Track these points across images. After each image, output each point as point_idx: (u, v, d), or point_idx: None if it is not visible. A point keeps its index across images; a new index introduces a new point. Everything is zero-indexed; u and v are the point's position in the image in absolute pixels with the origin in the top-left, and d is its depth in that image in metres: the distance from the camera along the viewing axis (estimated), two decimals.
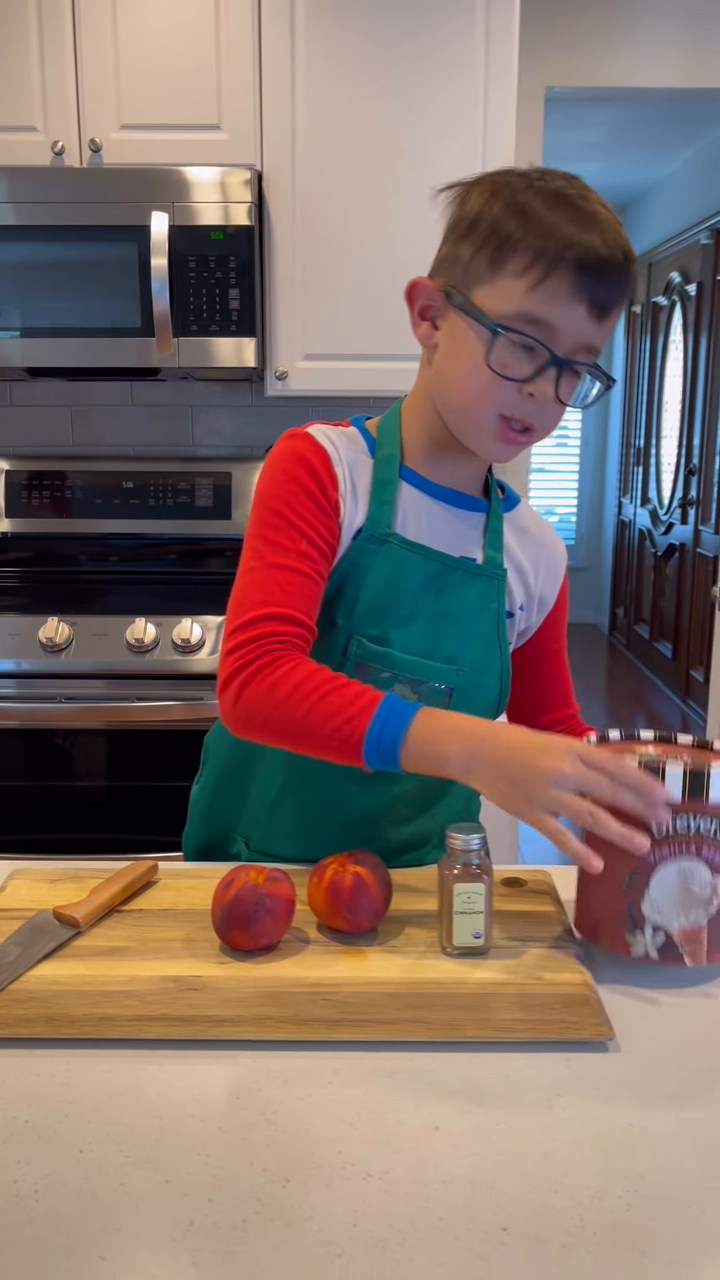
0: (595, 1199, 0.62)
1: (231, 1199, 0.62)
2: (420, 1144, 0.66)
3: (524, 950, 0.87)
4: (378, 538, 1.01)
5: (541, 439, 1.00)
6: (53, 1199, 0.62)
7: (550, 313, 0.91)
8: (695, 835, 0.84)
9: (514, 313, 0.91)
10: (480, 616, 1.05)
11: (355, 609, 1.02)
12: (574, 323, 0.91)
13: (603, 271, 0.90)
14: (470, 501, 1.06)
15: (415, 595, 1.03)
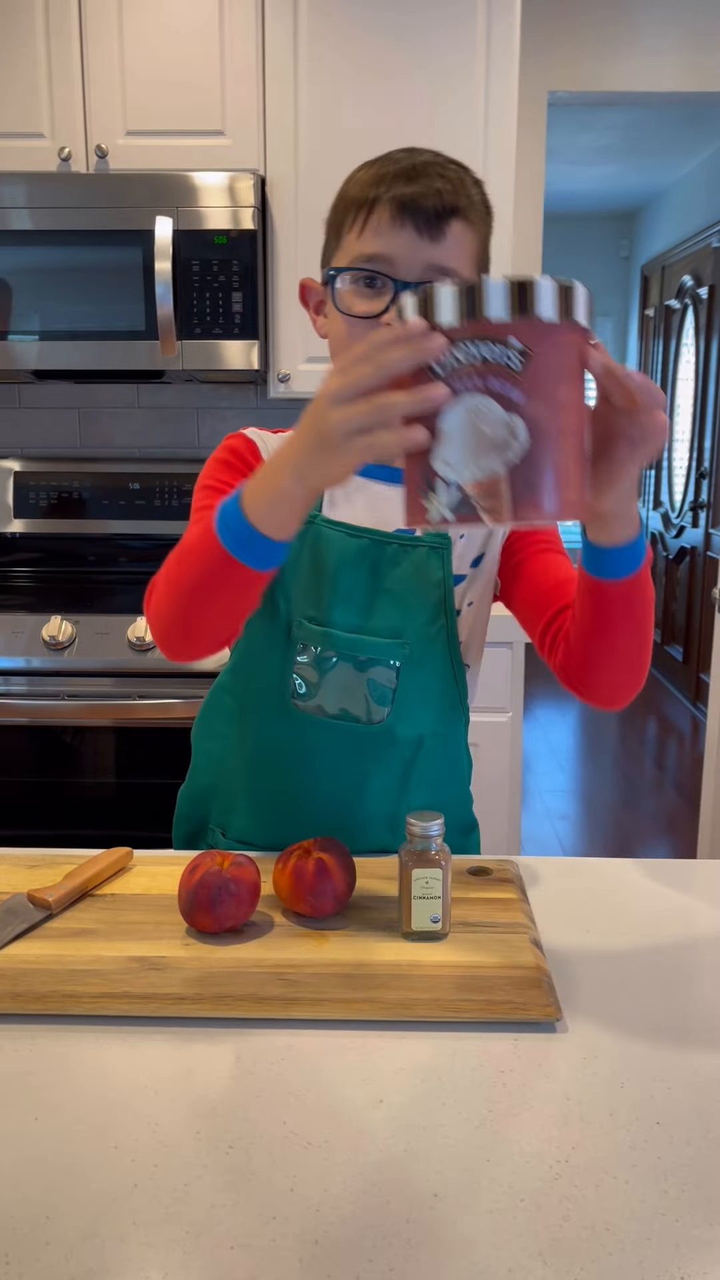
0: (525, 1168, 0.64)
1: (175, 1165, 0.64)
2: (363, 1116, 0.69)
3: (482, 935, 0.89)
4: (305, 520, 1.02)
5: None
6: (4, 1162, 0.64)
7: (378, 245, 0.96)
8: (481, 365, 0.69)
9: (352, 258, 0.98)
10: (422, 588, 1.06)
11: (291, 591, 1.06)
12: (405, 245, 0.95)
13: (419, 194, 0.95)
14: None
15: (348, 573, 1.05)
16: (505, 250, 2.33)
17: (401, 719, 1.08)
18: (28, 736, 2.22)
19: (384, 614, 1.06)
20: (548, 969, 0.85)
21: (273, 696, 1.09)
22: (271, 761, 1.11)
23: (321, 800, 1.11)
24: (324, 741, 1.09)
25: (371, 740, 1.09)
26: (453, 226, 0.96)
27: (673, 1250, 0.58)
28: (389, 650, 1.06)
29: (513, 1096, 0.71)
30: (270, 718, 1.11)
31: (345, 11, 2.25)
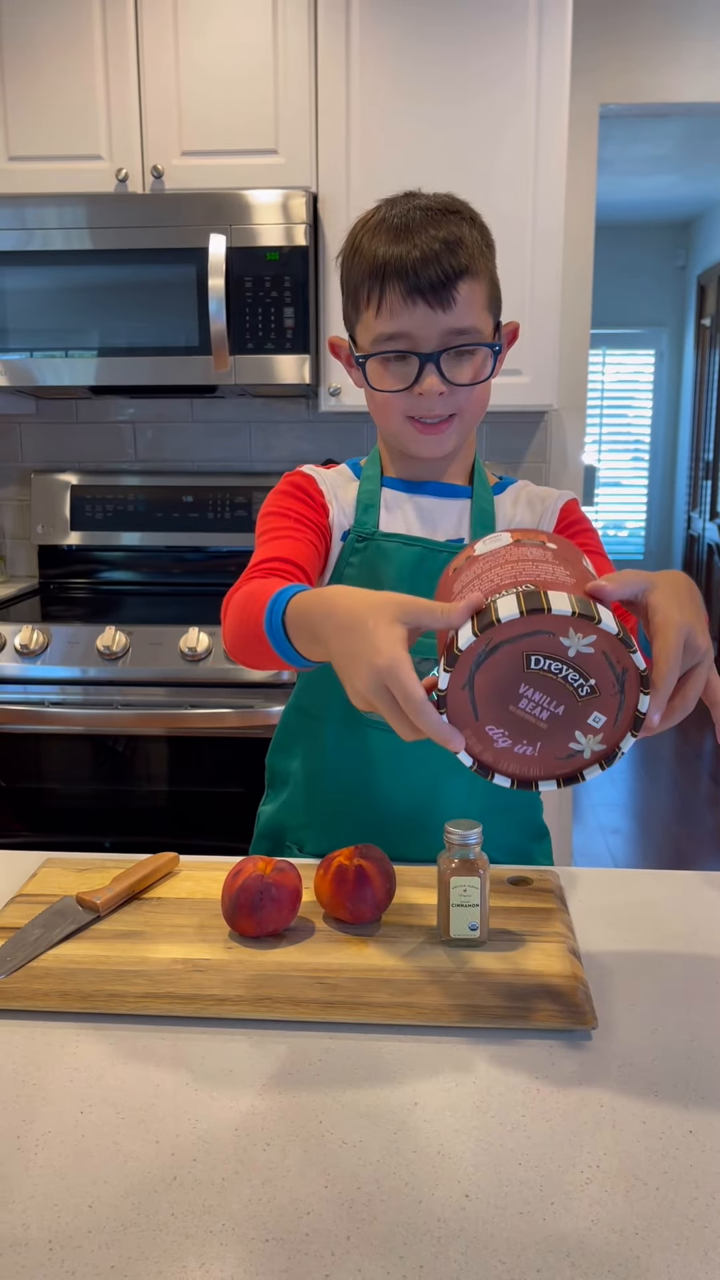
0: (557, 1172, 0.65)
1: (214, 1159, 0.66)
2: (397, 1117, 0.70)
3: (521, 944, 0.90)
4: (364, 537, 1.12)
5: (471, 421, 1.09)
6: (50, 1153, 0.67)
7: (397, 324, 1.03)
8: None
9: (374, 337, 1.05)
10: None
11: None
12: (421, 321, 1.02)
13: (421, 268, 1.01)
14: (452, 490, 1.15)
15: (407, 581, 1.10)
16: (557, 264, 2.34)
17: None
18: (82, 745, 2.26)
19: None
20: (584, 977, 0.85)
21: (344, 711, 1.12)
22: (347, 775, 1.15)
23: (396, 810, 1.13)
24: (396, 748, 1.11)
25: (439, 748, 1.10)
26: (460, 291, 1.02)
27: (701, 1257, 0.58)
28: None
29: (546, 1102, 0.72)
30: (344, 732, 1.14)
31: (396, 30, 2.28)
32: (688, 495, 6.33)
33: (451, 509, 1.14)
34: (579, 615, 0.69)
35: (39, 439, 2.81)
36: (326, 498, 1.14)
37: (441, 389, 1.04)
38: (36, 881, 1.04)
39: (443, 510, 1.14)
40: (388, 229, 1.04)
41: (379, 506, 1.14)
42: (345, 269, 1.09)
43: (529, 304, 2.37)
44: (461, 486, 1.16)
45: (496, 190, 2.33)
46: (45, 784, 2.29)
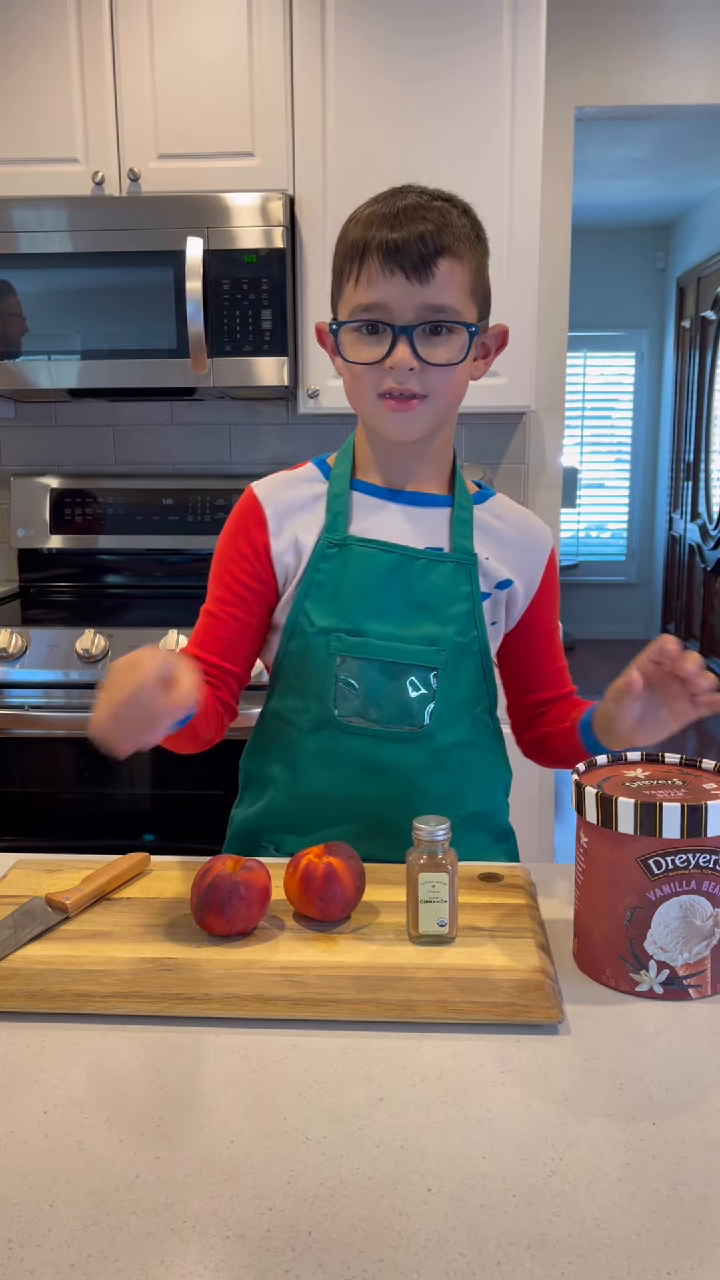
0: (519, 1165, 0.65)
1: (177, 1158, 0.66)
2: (362, 1114, 0.70)
3: (490, 940, 0.90)
4: (335, 543, 1.11)
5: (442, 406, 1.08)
6: (12, 1153, 0.66)
7: (373, 294, 1.03)
8: (695, 870, 0.83)
9: (352, 310, 1.06)
10: (452, 599, 1.11)
11: (329, 608, 1.10)
12: (397, 291, 1.02)
13: (404, 241, 1.01)
14: (431, 499, 1.14)
15: (382, 587, 1.10)
16: (533, 266, 2.34)
17: (442, 725, 1.12)
18: (63, 748, 2.25)
19: (418, 623, 1.10)
20: (552, 971, 0.86)
21: (320, 713, 1.13)
22: (322, 776, 1.14)
23: (372, 814, 1.13)
24: (371, 752, 1.12)
25: (416, 748, 1.12)
26: (440, 266, 1.02)
27: (661, 1247, 0.58)
28: (425, 656, 1.10)
29: (511, 1096, 0.72)
30: (319, 734, 1.14)
31: (371, 32, 2.28)
32: (669, 497, 6.35)
33: (431, 517, 1.14)
34: None
35: (18, 442, 2.80)
36: (271, 534, 1.14)
37: (413, 364, 1.03)
38: (6, 883, 1.03)
39: (421, 518, 1.14)
40: (380, 213, 1.04)
41: (348, 512, 1.13)
42: (335, 253, 1.10)
43: (505, 306, 2.36)
44: (440, 495, 1.15)
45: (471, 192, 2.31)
46: (25, 788, 2.28)
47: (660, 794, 0.85)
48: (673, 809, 0.81)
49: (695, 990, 0.85)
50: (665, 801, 0.81)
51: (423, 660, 1.10)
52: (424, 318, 1.03)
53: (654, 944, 0.84)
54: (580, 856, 0.88)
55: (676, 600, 6.14)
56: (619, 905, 0.84)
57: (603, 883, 0.85)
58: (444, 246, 1.02)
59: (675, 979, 0.84)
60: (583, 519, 6.92)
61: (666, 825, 0.81)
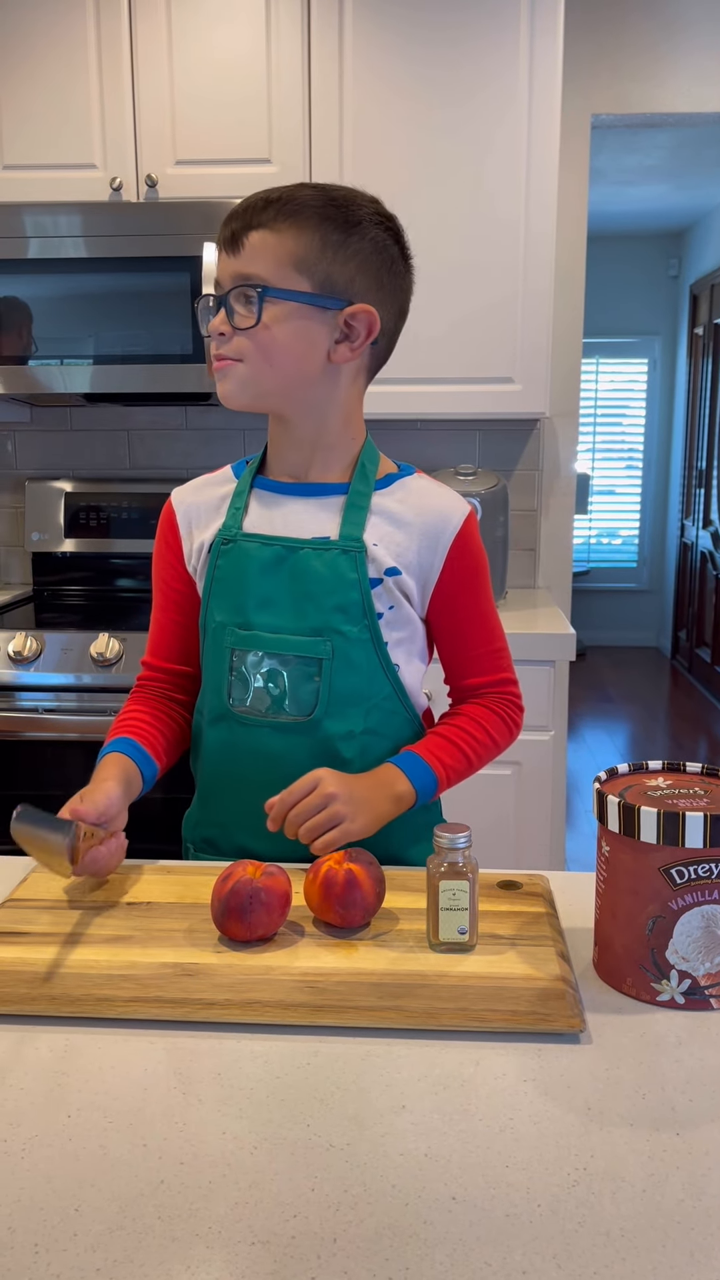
0: (544, 1174, 0.65)
1: (201, 1163, 0.66)
2: (385, 1121, 0.70)
3: (510, 948, 0.90)
4: (228, 540, 1.15)
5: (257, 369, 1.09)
6: (37, 1157, 0.67)
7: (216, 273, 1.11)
8: (717, 879, 0.82)
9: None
10: (338, 588, 1.12)
11: (225, 603, 1.15)
12: (221, 265, 1.09)
13: (228, 221, 1.08)
14: (328, 488, 1.16)
15: (266, 579, 1.13)
16: (549, 274, 2.35)
17: (331, 715, 1.13)
18: (76, 752, 2.26)
19: (305, 614, 1.12)
20: (574, 980, 0.86)
21: (216, 704, 1.17)
22: (235, 771, 1.17)
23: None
24: (263, 742, 1.15)
25: (307, 739, 1.14)
26: (250, 238, 1.06)
27: (686, 1258, 0.58)
28: (311, 647, 1.12)
29: (534, 1105, 0.72)
30: (218, 725, 1.17)
31: (389, 41, 2.29)
32: (681, 503, 6.34)
33: (325, 506, 1.15)
34: None
35: (33, 446, 2.82)
36: (183, 536, 1.20)
37: (223, 329, 1.07)
38: (27, 886, 1.04)
39: (315, 508, 1.15)
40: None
41: (244, 509, 1.16)
42: None
43: (520, 313, 2.38)
44: (338, 484, 1.15)
45: (488, 200, 2.34)
46: (38, 791, 2.29)
47: (683, 803, 0.85)
48: (696, 818, 0.81)
49: (717, 1000, 0.84)
50: (689, 811, 0.81)
51: (309, 651, 1.12)
52: (234, 285, 1.07)
53: (675, 953, 0.84)
54: (601, 865, 0.88)
55: (688, 607, 6.13)
56: (641, 914, 0.84)
57: (624, 891, 0.85)
58: (259, 222, 1.06)
59: (697, 989, 0.84)
60: (594, 525, 6.91)
61: (690, 835, 0.81)
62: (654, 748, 5.00)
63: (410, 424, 2.67)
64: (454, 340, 2.39)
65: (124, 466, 2.81)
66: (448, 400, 2.44)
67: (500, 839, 2.34)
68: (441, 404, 2.44)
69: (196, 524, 1.19)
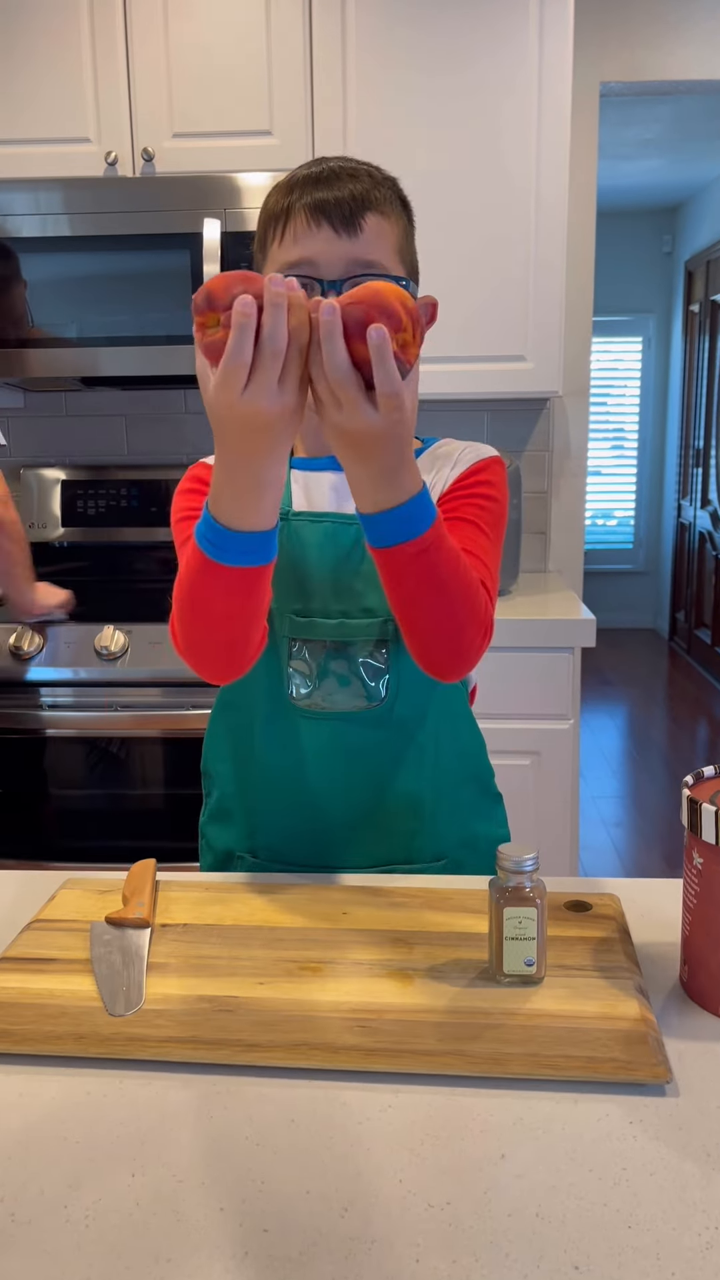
0: (671, 1235, 0.58)
1: (288, 1229, 0.59)
2: (485, 1174, 0.63)
3: (581, 980, 0.83)
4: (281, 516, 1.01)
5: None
6: (103, 1225, 0.60)
7: (300, 250, 0.97)
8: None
9: (279, 266, 0.99)
10: None
11: (278, 589, 1.04)
12: (324, 246, 0.97)
13: (328, 197, 0.97)
14: None
15: (320, 560, 1.05)
16: (560, 248, 2.27)
17: (402, 698, 1.06)
18: (81, 748, 2.18)
19: (362, 595, 1.05)
20: (654, 1020, 0.78)
21: (275, 702, 1.08)
22: (288, 769, 1.09)
23: (345, 797, 1.08)
24: (334, 737, 1.07)
25: (378, 725, 1.07)
26: (368, 220, 0.97)
27: None
28: (373, 629, 1.05)
29: (646, 1152, 0.65)
30: (277, 724, 1.08)
31: (394, 5, 2.20)
32: (677, 483, 6.29)
33: None
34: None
35: (28, 433, 2.73)
36: None
37: None
38: (55, 905, 0.97)
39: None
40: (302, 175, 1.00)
41: (290, 486, 1.09)
42: (258, 224, 1.04)
43: (532, 288, 2.30)
44: None
45: (498, 172, 2.26)
46: (42, 788, 2.21)
47: None
48: None
49: None
50: None
51: (374, 634, 1.05)
52: (353, 272, 0.97)
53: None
54: (692, 877, 0.81)
55: (686, 588, 6.08)
56: None
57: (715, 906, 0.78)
58: (372, 201, 0.98)
59: None
60: (589, 506, 6.84)
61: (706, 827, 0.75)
62: (655, 730, 4.95)
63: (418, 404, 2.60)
64: (463, 317, 2.31)
65: (122, 452, 2.73)
66: (457, 380, 2.36)
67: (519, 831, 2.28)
68: (451, 383, 2.36)
69: None
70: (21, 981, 0.83)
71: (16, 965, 0.86)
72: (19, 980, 0.83)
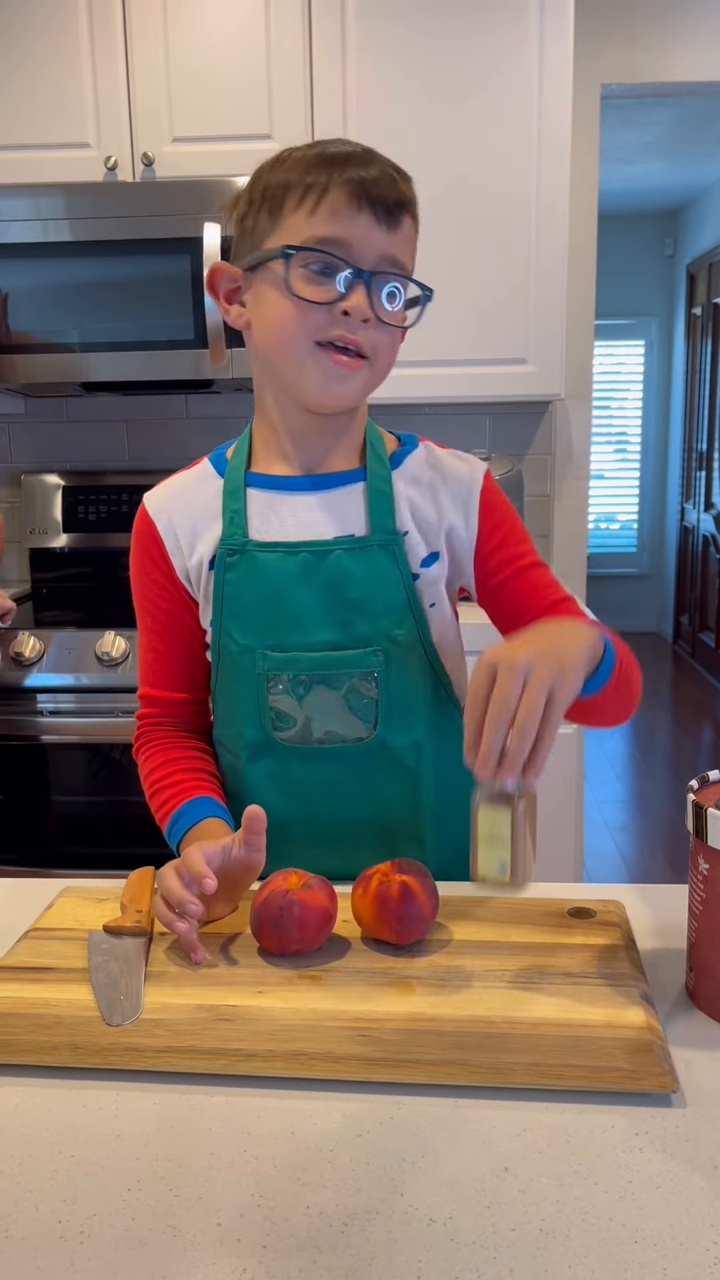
0: (679, 1250, 0.57)
1: (287, 1246, 0.58)
2: (488, 1188, 0.62)
3: (586, 988, 0.81)
4: (235, 550, 1.00)
5: (380, 372, 0.97)
6: (98, 1242, 0.59)
7: (337, 228, 0.90)
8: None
9: (303, 239, 0.91)
10: (381, 588, 1.00)
11: (245, 625, 1.00)
12: (364, 231, 0.91)
13: (373, 181, 0.91)
14: (341, 478, 1.02)
15: (297, 591, 0.99)
16: (561, 249, 2.26)
17: (393, 729, 1.02)
18: (77, 754, 2.17)
19: (348, 624, 1.00)
20: (660, 1028, 0.76)
21: (258, 737, 1.03)
22: (277, 804, 1.01)
23: (339, 830, 1.05)
24: (322, 770, 1.03)
25: (369, 758, 1.03)
26: (405, 218, 0.94)
27: None
28: (362, 660, 1.00)
29: (653, 1165, 0.64)
30: (264, 762, 1.04)
31: (393, 8, 2.19)
32: (680, 486, 6.27)
33: (343, 498, 1.01)
34: None
35: (28, 439, 2.72)
36: (170, 552, 1.04)
37: (369, 314, 0.92)
38: (52, 914, 0.95)
39: (332, 501, 1.01)
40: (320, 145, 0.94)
41: (244, 512, 1.01)
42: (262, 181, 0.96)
43: (533, 290, 2.29)
44: (351, 470, 1.02)
45: (499, 174, 2.25)
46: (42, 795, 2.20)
47: None
48: None
49: None
50: None
51: (360, 665, 0.99)
52: (383, 268, 0.92)
53: None
54: (698, 883, 0.80)
55: (690, 592, 6.06)
56: None
57: None
58: (410, 200, 0.94)
59: None
60: (592, 509, 6.83)
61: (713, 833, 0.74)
62: (659, 734, 4.94)
63: (418, 409, 2.59)
64: (465, 320, 2.30)
65: (122, 458, 2.72)
66: (458, 383, 2.35)
67: None
68: (452, 387, 2.35)
69: (185, 535, 1.03)
70: (18, 991, 0.82)
71: (13, 974, 0.85)
72: (15, 990, 0.82)
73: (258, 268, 0.95)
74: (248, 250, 0.97)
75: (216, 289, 1.00)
